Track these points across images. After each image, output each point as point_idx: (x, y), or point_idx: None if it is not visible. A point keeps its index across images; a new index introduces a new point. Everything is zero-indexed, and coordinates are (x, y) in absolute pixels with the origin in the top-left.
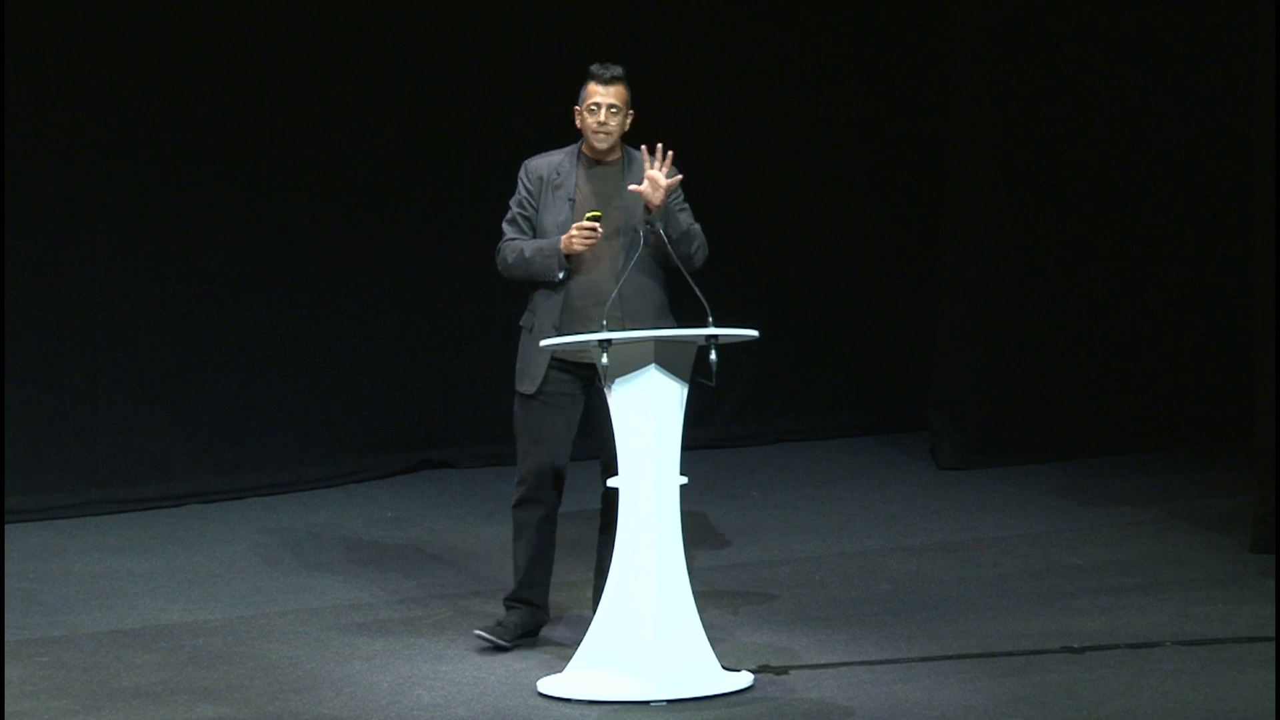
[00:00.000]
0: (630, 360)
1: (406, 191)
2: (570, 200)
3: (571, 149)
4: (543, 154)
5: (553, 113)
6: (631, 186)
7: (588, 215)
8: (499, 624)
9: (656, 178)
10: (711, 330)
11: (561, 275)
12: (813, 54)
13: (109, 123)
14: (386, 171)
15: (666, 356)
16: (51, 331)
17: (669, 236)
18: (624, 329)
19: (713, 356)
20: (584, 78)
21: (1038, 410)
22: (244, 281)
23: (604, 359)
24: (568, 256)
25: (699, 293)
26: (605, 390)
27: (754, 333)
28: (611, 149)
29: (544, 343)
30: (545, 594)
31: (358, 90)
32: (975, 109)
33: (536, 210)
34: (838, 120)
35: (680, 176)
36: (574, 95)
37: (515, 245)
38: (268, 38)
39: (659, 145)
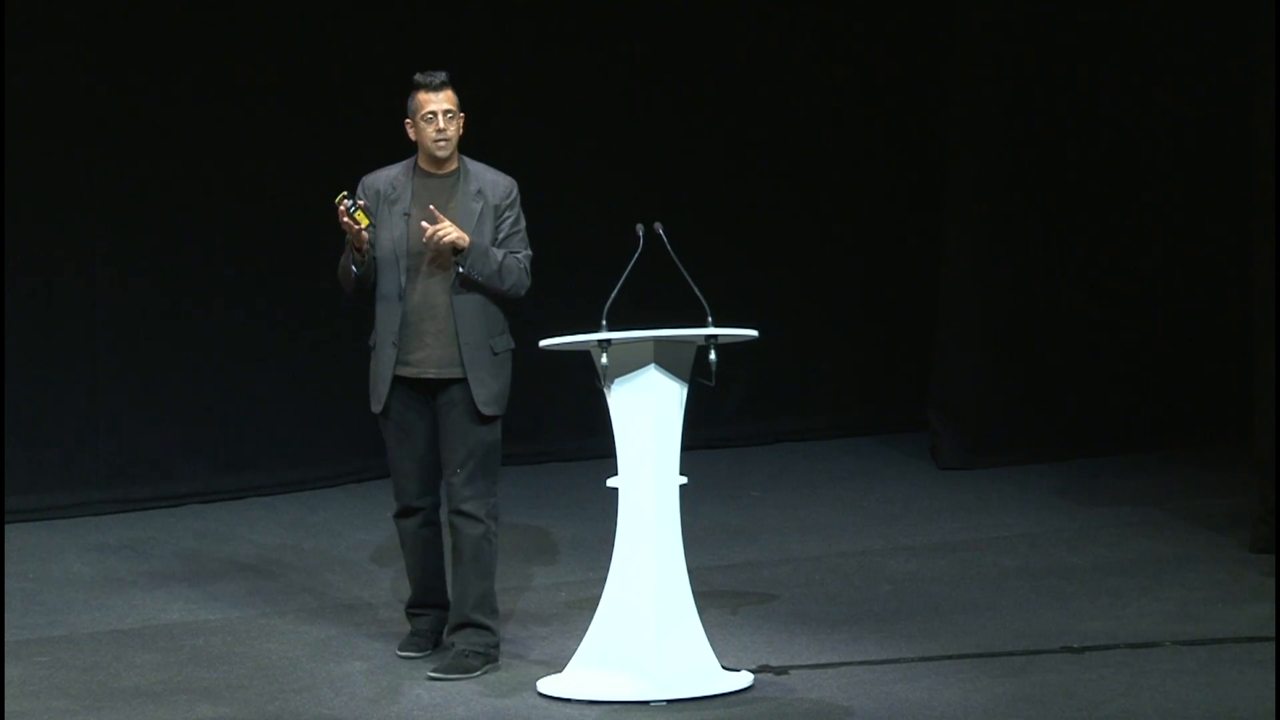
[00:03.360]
0: (630, 360)
1: None
2: (406, 215)
3: (407, 163)
4: (378, 171)
5: (552, 114)
6: (424, 223)
7: (338, 198)
8: (414, 635)
9: (429, 234)
10: (711, 330)
11: (355, 270)
12: (813, 54)
13: (109, 124)
14: None
15: (666, 356)
16: (51, 331)
17: (475, 278)
18: (455, 339)
19: (712, 356)
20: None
21: (1038, 410)
22: (244, 281)
23: (604, 359)
24: (358, 250)
25: (699, 293)
26: (605, 390)
27: (754, 333)
28: (449, 159)
29: (544, 343)
30: (445, 593)
31: (356, 91)
32: (975, 109)
33: (375, 228)
34: (838, 120)
35: (449, 236)
36: (576, 96)
37: (342, 261)
38: (267, 40)
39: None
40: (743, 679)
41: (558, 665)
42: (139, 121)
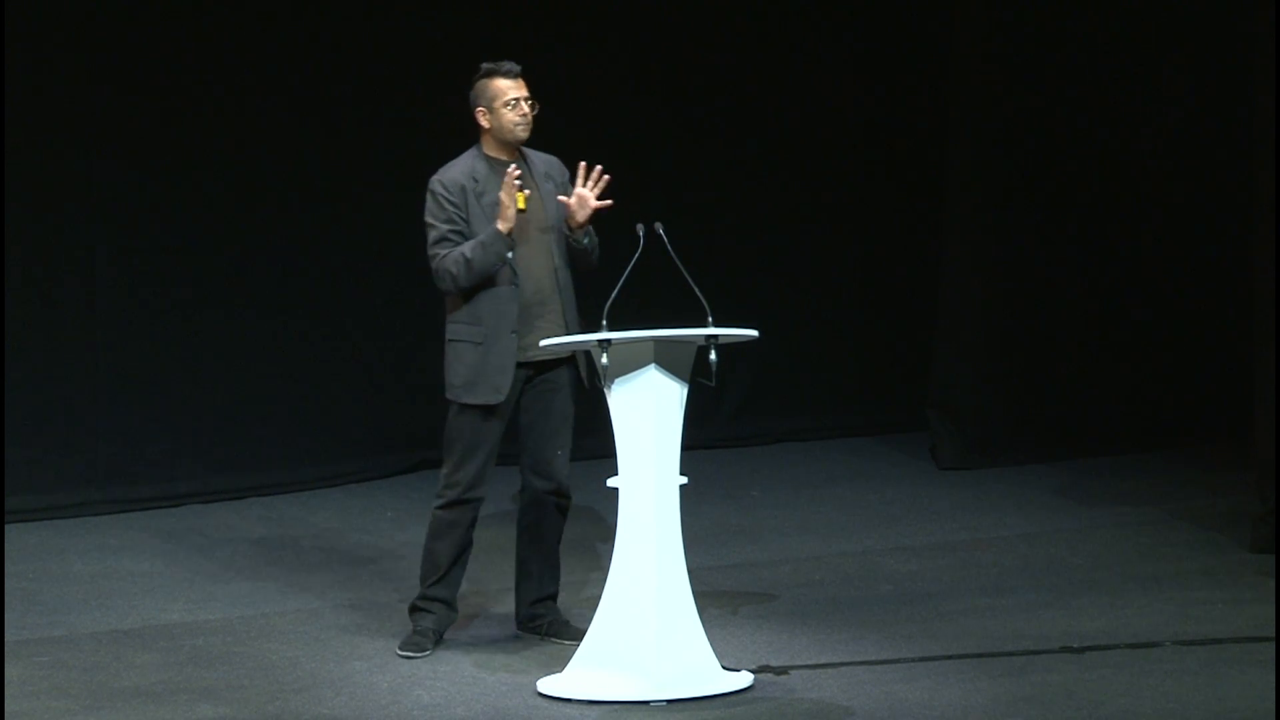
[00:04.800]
0: (630, 360)
1: (405, 192)
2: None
3: (474, 155)
4: (448, 166)
5: (552, 114)
6: (560, 198)
7: (508, 171)
8: (417, 634)
9: (586, 197)
10: (711, 330)
11: (510, 255)
12: (813, 54)
13: (109, 124)
14: (385, 172)
15: (666, 356)
16: (51, 331)
17: (585, 249)
18: (563, 319)
19: (712, 356)
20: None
21: (1038, 410)
22: (244, 282)
23: (604, 359)
24: (509, 235)
25: (699, 293)
26: (605, 390)
27: (754, 333)
28: (516, 146)
29: (544, 343)
30: (457, 593)
31: (357, 92)
32: (975, 109)
33: (466, 223)
34: (837, 120)
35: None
36: (570, 97)
37: (453, 256)
38: (267, 41)
39: (596, 167)
40: (743, 679)
41: (558, 665)
42: (139, 121)
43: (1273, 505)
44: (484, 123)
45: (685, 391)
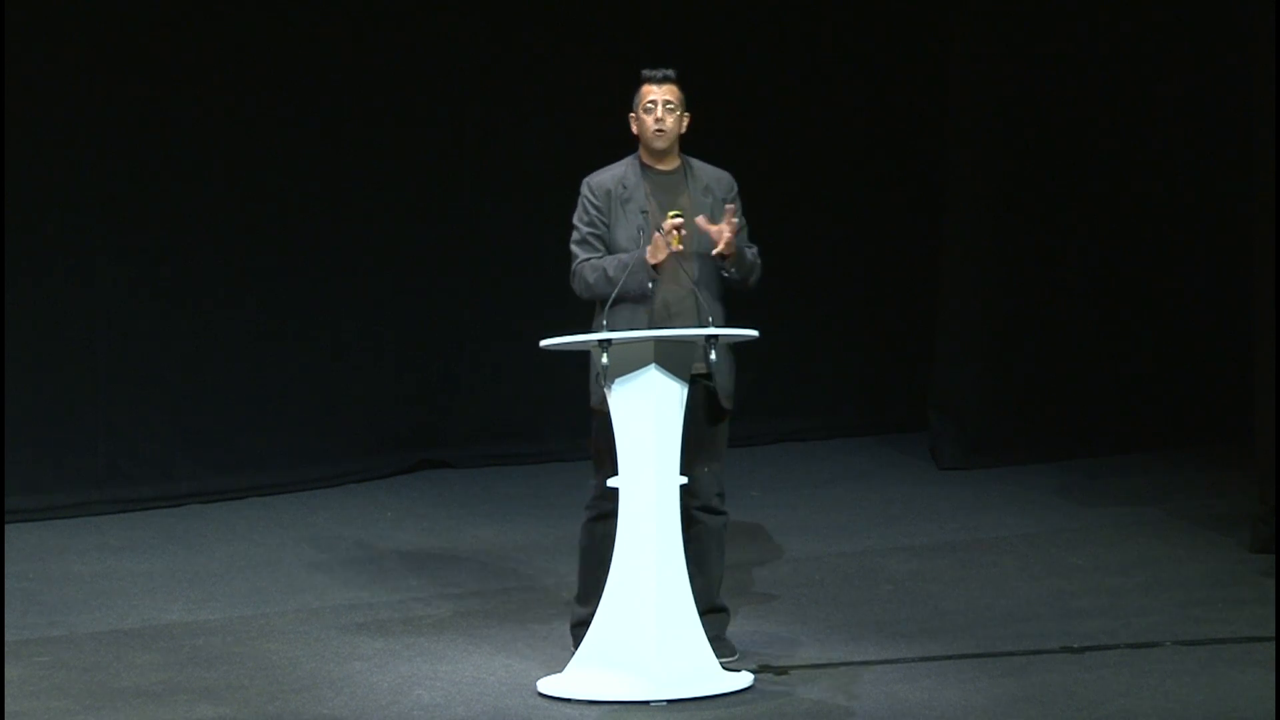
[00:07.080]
0: (630, 360)
1: (406, 192)
2: (643, 213)
3: (630, 160)
4: (603, 169)
5: (552, 114)
6: (701, 221)
7: (670, 215)
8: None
9: (720, 234)
10: (711, 330)
11: (650, 285)
12: (813, 54)
13: (109, 124)
14: (386, 172)
15: (666, 356)
16: (51, 332)
17: (738, 278)
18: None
19: (712, 356)
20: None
21: (1038, 410)
22: (244, 282)
23: (604, 359)
24: (654, 266)
25: (698, 293)
26: (605, 390)
27: (754, 333)
28: (670, 154)
29: (544, 343)
30: None
31: (357, 91)
32: (975, 110)
33: (607, 227)
34: (838, 121)
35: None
36: (571, 96)
37: (594, 265)
38: (267, 40)
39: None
40: (743, 679)
41: (558, 665)
42: (139, 121)
43: (1273, 505)
44: (633, 128)
45: (685, 391)
